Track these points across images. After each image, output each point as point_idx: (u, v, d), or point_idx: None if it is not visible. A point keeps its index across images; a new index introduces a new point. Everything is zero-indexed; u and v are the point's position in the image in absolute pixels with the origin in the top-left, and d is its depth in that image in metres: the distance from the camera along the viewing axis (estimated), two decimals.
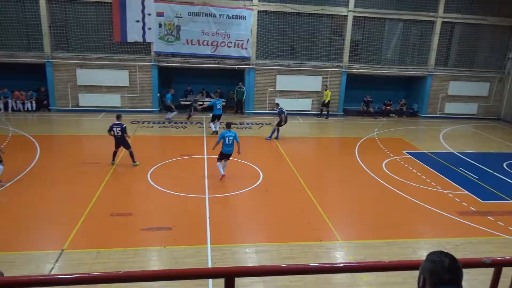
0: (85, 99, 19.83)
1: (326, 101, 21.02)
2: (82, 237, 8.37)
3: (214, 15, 19.61)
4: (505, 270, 3.15)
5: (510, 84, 22.67)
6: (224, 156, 11.80)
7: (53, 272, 7.09)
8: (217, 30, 19.78)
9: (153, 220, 9.21)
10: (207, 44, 19.95)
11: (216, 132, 16.67)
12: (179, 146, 15.10)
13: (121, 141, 12.45)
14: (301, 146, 16.08)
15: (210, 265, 7.51)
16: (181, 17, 19.43)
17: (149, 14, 19.17)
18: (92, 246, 8.01)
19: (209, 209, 9.88)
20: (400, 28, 21.71)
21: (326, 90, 21.01)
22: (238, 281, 2.41)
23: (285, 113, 16.43)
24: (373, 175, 12.90)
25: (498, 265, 3.17)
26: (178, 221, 9.20)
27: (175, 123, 18.71)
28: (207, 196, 10.65)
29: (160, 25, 19.41)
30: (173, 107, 19.00)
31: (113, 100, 20.05)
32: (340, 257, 8.25)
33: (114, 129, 12.32)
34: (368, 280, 7.26)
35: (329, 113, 21.28)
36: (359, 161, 14.29)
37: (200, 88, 21.51)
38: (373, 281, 7.22)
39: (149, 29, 19.36)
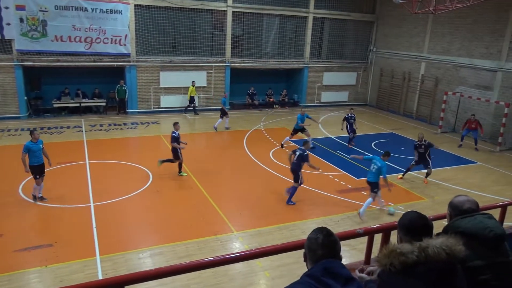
0: None
1: (192, 95, 20.56)
2: None
3: (86, 9, 18.15)
4: (377, 237, 3.54)
5: (372, 73, 25.59)
6: (368, 183, 10.18)
7: None
8: (91, 26, 18.36)
9: (29, 239, 8.22)
10: (80, 41, 18.39)
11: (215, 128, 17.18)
12: (55, 154, 13.66)
13: (172, 149, 12.18)
14: (190, 143, 15.91)
15: (100, 277, 7.00)
16: (46, 11, 17.55)
17: (7, 8, 16.90)
18: None
19: (95, 218, 9.20)
20: (277, 23, 22.82)
21: (192, 86, 20.57)
22: None
23: None
24: (261, 164, 13.41)
25: (370, 233, 3.56)
26: (60, 236, 8.37)
27: (49, 128, 16.88)
28: (92, 204, 9.89)
29: (21, 20, 17.26)
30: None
31: None
32: (236, 247, 8.41)
33: None
34: (263, 265, 7.54)
35: (196, 108, 20.97)
36: (248, 152, 14.73)
37: (76, 88, 19.76)
38: (268, 266, 7.53)
39: (8, 24, 17.09)
